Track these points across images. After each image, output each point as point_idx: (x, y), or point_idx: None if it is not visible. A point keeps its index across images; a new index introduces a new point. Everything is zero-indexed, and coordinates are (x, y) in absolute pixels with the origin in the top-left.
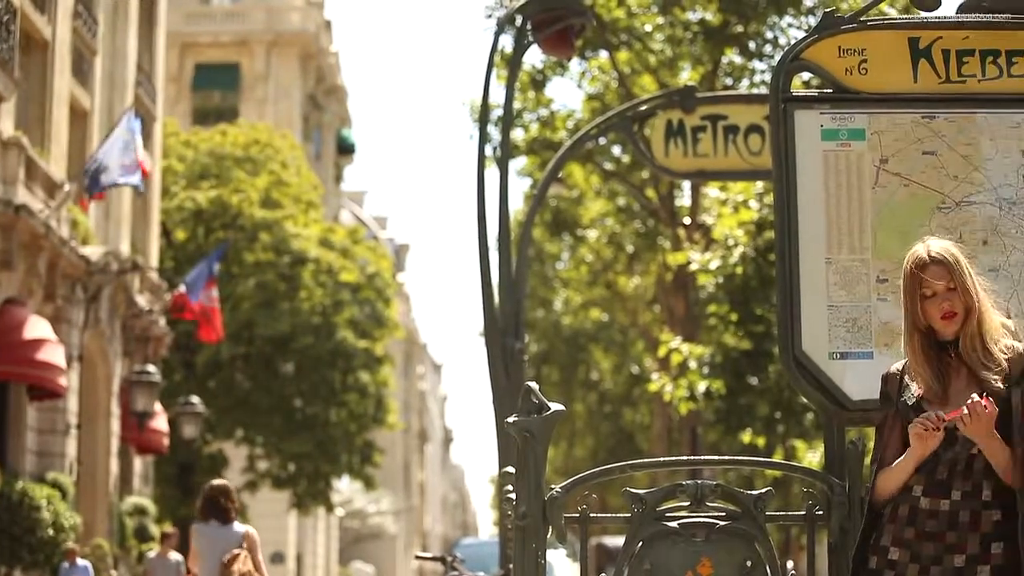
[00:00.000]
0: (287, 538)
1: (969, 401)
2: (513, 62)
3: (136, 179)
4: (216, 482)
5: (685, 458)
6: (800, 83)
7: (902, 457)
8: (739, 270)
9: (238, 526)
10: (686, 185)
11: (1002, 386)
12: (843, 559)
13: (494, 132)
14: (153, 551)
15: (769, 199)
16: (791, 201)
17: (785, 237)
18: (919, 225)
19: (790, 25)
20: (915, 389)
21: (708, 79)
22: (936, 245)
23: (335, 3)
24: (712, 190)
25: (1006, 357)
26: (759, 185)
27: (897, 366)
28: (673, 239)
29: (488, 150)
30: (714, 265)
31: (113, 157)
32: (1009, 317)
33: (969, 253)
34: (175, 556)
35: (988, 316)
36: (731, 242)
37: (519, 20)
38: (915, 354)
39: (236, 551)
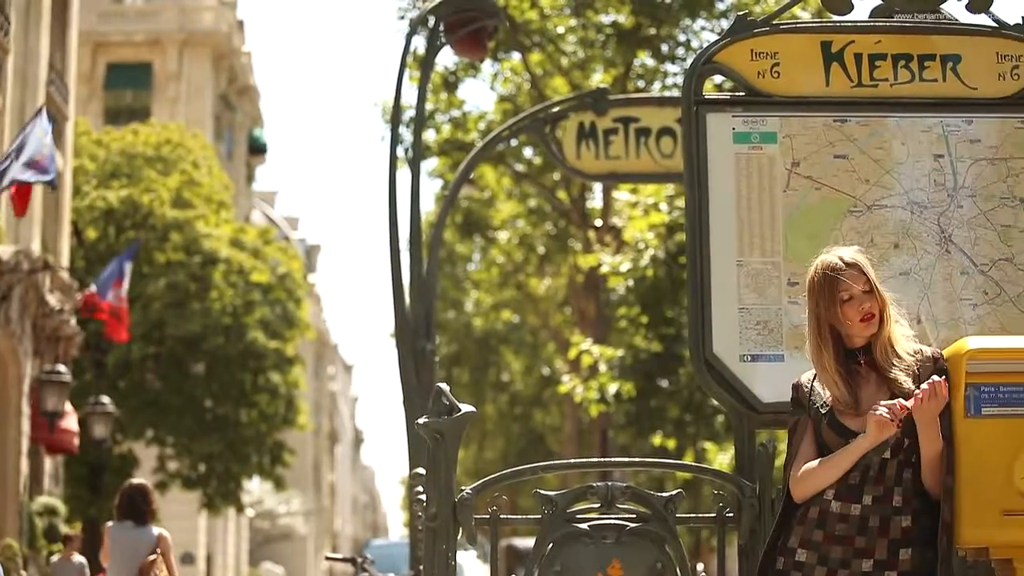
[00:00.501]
0: (197, 539)
1: (931, 379)
2: (425, 63)
3: (48, 176)
4: (134, 481)
5: (595, 460)
6: (712, 86)
7: (850, 445)
8: (650, 272)
9: (153, 528)
10: (597, 187)
11: (912, 386)
12: (753, 561)
13: (406, 133)
14: (56, 555)
15: (680, 202)
16: (702, 204)
17: (696, 240)
18: (830, 228)
19: (703, 28)
20: (826, 397)
21: (620, 81)
22: (846, 251)
23: (248, 3)
24: (623, 193)
25: (914, 361)
26: (670, 188)
27: (808, 375)
28: (584, 241)
29: (400, 151)
30: (625, 267)
31: (25, 155)
32: (919, 321)
33: (880, 256)
34: (78, 558)
35: (896, 322)
36: (642, 245)
37: (431, 21)
38: (830, 361)
39: (152, 557)
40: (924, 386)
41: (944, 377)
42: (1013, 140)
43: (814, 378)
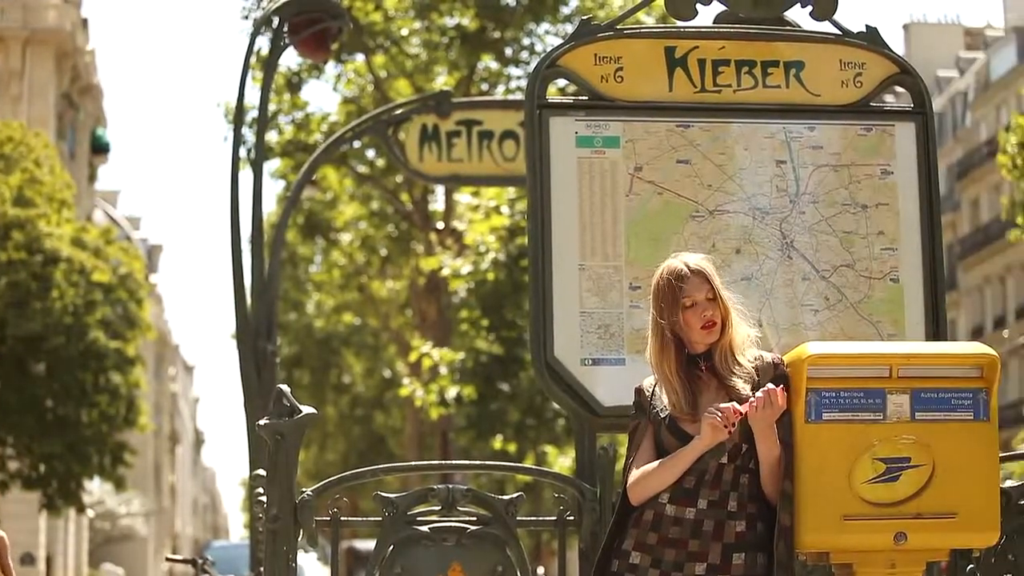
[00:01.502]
0: (37, 539)
1: (766, 388)
2: (269, 64)
3: None
4: None
5: (436, 463)
6: (556, 90)
7: (684, 448)
8: (491, 275)
9: None
10: (440, 190)
11: (750, 393)
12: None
13: (248, 134)
14: None
15: (521, 205)
16: (544, 207)
17: (538, 243)
18: (673, 233)
19: (547, 32)
20: (666, 402)
21: (464, 84)
22: (692, 258)
23: (92, 1)
24: (465, 196)
25: (754, 366)
26: (511, 191)
27: (651, 379)
28: (426, 244)
29: (243, 152)
30: (466, 270)
31: None
32: (760, 327)
33: (722, 262)
34: None
35: (737, 328)
36: (483, 248)
37: (275, 22)
38: (670, 366)
39: None
40: (759, 393)
41: (782, 386)
42: (855, 147)
43: (656, 383)
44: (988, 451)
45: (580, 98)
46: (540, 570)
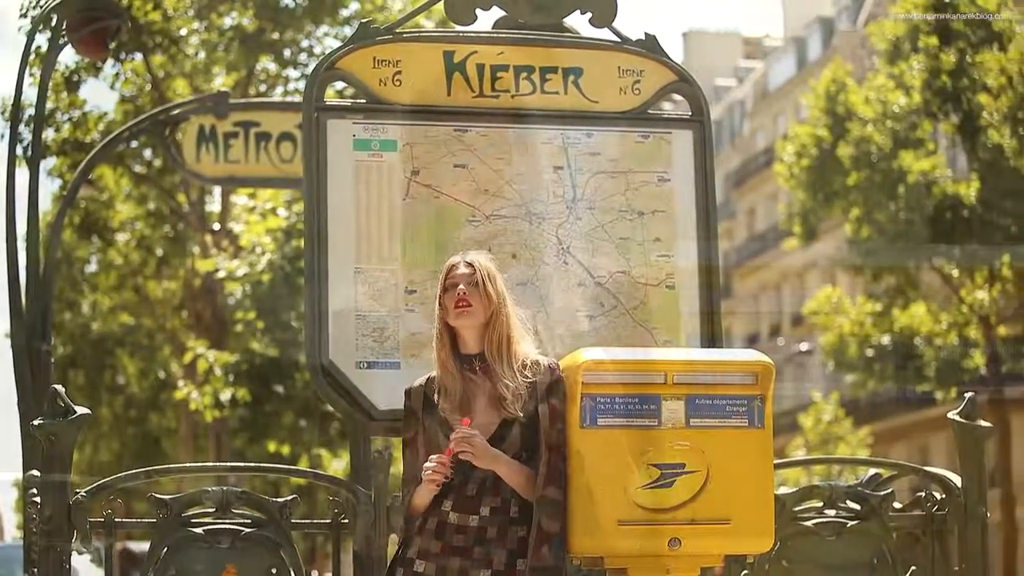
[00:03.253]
0: None
1: (458, 432)
2: (47, 62)
3: None
4: None
5: (211, 464)
6: (334, 92)
7: (420, 490)
8: (266, 277)
9: None
10: (217, 191)
11: (523, 402)
12: (368, 568)
13: (25, 132)
14: None
15: (298, 207)
16: (321, 210)
17: (314, 246)
18: (449, 237)
19: (326, 34)
20: (441, 403)
21: (242, 86)
22: (473, 254)
23: None
24: (242, 197)
25: (532, 372)
26: (287, 193)
27: (420, 380)
28: (202, 245)
29: (19, 150)
30: (241, 272)
31: None
32: (537, 332)
33: (499, 267)
34: None
35: (516, 333)
36: (259, 250)
37: (54, 19)
38: (440, 358)
39: None
40: (454, 435)
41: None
42: (632, 154)
43: (426, 382)
44: (762, 458)
45: (358, 101)
46: (314, 573)
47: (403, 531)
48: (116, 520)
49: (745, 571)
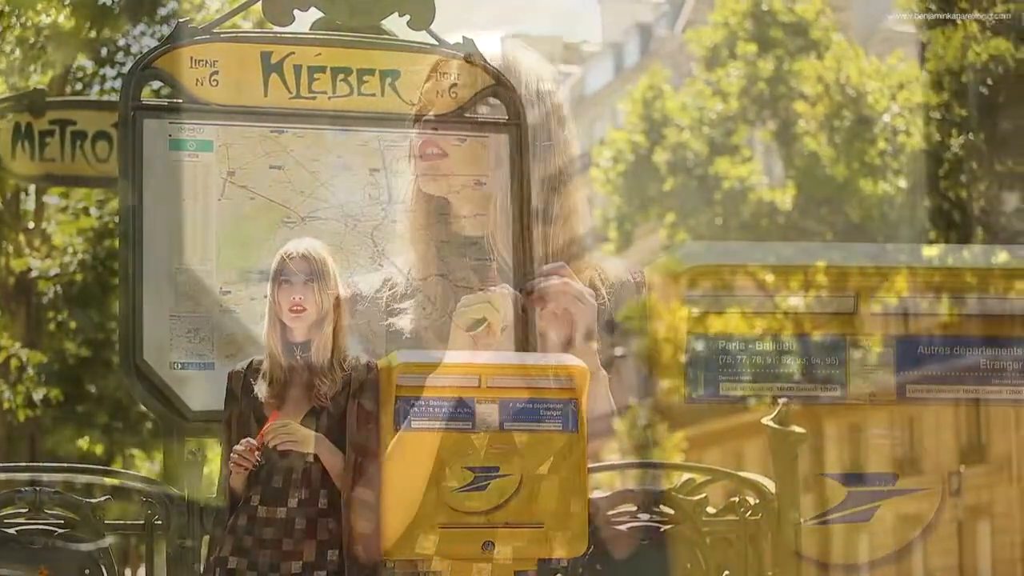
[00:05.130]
0: None
1: (267, 426)
2: None
3: None
4: None
5: (24, 464)
6: (151, 92)
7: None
8: (79, 277)
9: None
10: (32, 189)
11: (335, 394)
12: (182, 569)
13: None
14: None
15: (111, 206)
16: (136, 210)
17: (129, 246)
18: (264, 238)
19: (143, 33)
20: (260, 390)
21: (59, 83)
22: (309, 243)
23: None
24: (54, 197)
25: (350, 367)
26: (100, 192)
27: (242, 364)
28: (16, 244)
29: None
30: (53, 272)
31: None
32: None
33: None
34: None
35: (345, 324)
36: (71, 249)
37: None
38: (270, 350)
39: None
40: (267, 427)
41: (364, 396)
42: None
43: (248, 365)
44: (577, 462)
45: (175, 101)
46: (127, 574)
47: (214, 526)
48: None
49: (559, 575)
